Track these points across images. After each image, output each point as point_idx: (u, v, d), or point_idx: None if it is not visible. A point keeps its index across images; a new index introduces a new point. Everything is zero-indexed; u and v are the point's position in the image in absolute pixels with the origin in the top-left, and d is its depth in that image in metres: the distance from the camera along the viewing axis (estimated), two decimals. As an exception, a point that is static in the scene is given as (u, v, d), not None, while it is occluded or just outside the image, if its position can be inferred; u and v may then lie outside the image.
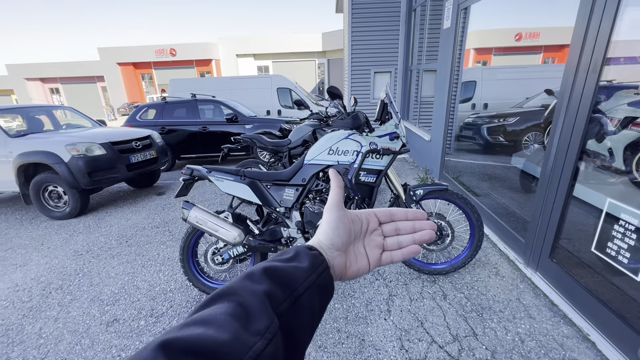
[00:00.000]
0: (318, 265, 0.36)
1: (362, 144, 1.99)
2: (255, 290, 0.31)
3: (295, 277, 0.34)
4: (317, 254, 0.38)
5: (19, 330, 2.12)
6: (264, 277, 0.32)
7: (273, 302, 0.31)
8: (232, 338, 0.26)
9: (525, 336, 1.73)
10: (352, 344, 1.78)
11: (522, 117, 4.40)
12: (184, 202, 2.07)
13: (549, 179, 2.05)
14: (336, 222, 0.40)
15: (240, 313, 0.28)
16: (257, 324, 0.28)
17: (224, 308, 0.29)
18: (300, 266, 0.35)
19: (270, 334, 0.28)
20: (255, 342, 0.27)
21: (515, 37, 5.23)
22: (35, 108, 4.87)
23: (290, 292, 0.33)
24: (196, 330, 0.26)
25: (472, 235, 2.20)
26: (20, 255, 3.19)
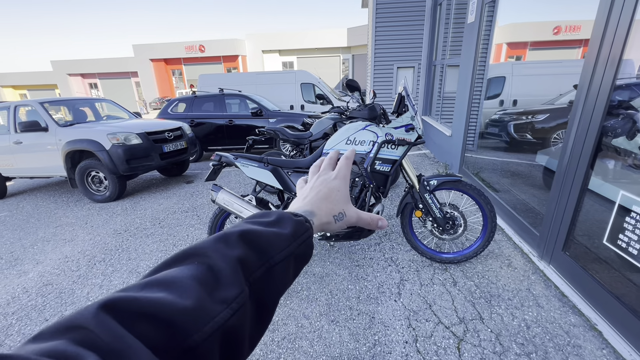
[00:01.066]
0: (301, 233, 0.35)
1: (378, 134, 2.10)
2: (229, 255, 0.29)
3: (274, 244, 0.33)
4: (302, 220, 0.37)
5: (70, 293, 2.43)
6: (240, 242, 0.31)
7: (246, 270, 0.30)
8: (195, 305, 0.24)
9: (532, 323, 1.79)
10: (363, 320, 1.91)
11: (553, 114, 4.28)
12: (213, 185, 2.27)
13: (565, 173, 2.07)
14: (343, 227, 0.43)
15: (209, 278, 0.27)
16: (225, 291, 0.27)
17: (192, 270, 0.27)
18: (281, 232, 0.34)
19: (238, 303, 0.27)
20: (219, 311, 0.26)
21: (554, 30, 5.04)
22: (80, 100, 5.33)
23: (267, 259, 0.32)
24: (156, 294, 0.24)
25: (484, 226, 2.26)
26: (68, 232, 3.56)
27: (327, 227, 0.42)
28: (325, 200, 0.42)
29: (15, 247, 3.32)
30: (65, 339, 0.20)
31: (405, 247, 2.68)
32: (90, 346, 0.20)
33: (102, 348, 0.20)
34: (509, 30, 5.08)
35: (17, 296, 2.45)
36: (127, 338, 0.21)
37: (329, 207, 0.42)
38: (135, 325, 0.22)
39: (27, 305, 2.32)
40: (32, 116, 4.67)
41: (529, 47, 5.47)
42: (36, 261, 2.97)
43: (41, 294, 2.45)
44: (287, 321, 1.95)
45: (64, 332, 0.20)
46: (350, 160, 0.48)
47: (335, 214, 0.42)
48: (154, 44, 23.67)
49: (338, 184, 0.44)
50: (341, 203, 0.43)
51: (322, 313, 2.00)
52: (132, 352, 0.20)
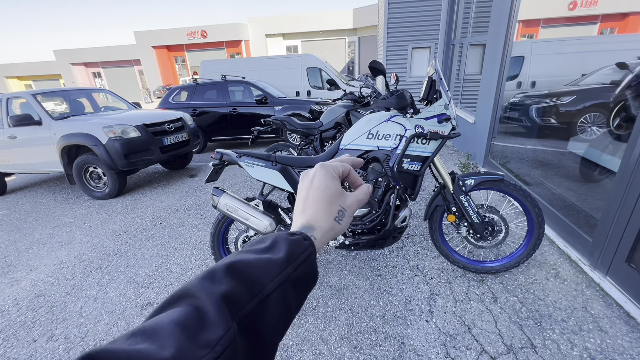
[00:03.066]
0: (299, 254, 0.33)
1: (406, 127, 1.77)
2: (213, 292, 0.28)
3: (265, 273, 0.31)
4: (299, 239, 0.34)
5: (62, 307, 2.20)
6: (226, 276, 0.29)
7: (232, 306, 0.28)
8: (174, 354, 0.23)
9: (596, 353, 1.49)
10: (391, 347, 1.64)
11: (580, 96, 3.88)
12: (214, 188, 1.98)
13: (633, 172, 1.72)
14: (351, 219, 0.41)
15: (193, 320, 0.26)
16: (209, 333, 0.26)
17: (176, 314, 0.26)
18: (274, 258, 0.32)
19: (222, 346, 0.26)
20: (202, 356, 0.24)
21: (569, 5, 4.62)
22: (76, 91, 5.03)
23: (258, 291, 0.30)
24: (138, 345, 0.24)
25: (529, 232, 1.94)
26: (65, 233, 3.35)
27: (334, 232, 0.38)
28: (319, 204, 0.38)
29: (10, 250, 3.12)
30: None
31: (431, 252, 2.38)
32: None
33: None
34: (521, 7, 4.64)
35: (7, 310, 2.25)
36: None
37: (326, 211, 0.38)
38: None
39: (15, 322, 2.11)
40: (25, 109, 4.42)
41: (541, 25, 5.02)
42: (30, 267, 2.76)
43: (32, 308, 2.23)
44: (303, 346, 1.69)
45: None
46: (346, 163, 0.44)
47: (335, 215, 0.38)
48: (156, 31, 23.13)
49: (324, 180, 0.39)
50: (336, 199, 0.39)
51: (342, 336, 1.73)
52: None
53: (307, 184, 0.40)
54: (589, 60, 4.01)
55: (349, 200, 0.40)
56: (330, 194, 0.39)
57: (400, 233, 1.93)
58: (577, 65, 4.13)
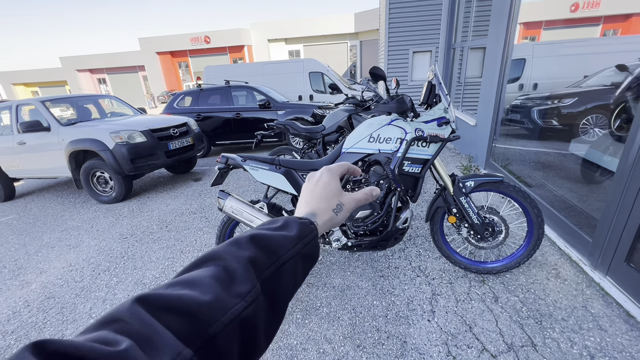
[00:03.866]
0: (306, 234, 0.38)
1: (406, 130, 1.81)
2: (241, 256, 0.32)
3: (282, 245, 0.35)
4: (307, 222, 0.40)
5: (72, 309, 2.26)
6: (250, 244, 0.34)
7: (257, 268, 0.32)
8: (213, 299, 0.27)
9: (596, 351, 1.51)
10: (393, 345, 1.67)
11: (581, 98, 3.90)
12: (219, 191, 2.04)
13: (630, 172, 1.75)
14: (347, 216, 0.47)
15: (224, 277, 0.30)
16: (239, 287, 0.30)
17: (210, 271, 0.30)
18: (288, 235, 0.37)
19: (251, 297, 0.30)
20: (235, 303, 0.28)
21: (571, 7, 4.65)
22: (83, 97, 5.14)
23: (276, 259, 0.34)
24: (180, 291, 0.27)
25: (529, 233, 1.97)
26: (74, 237, 3.41)
27: (332, 222, 0.45)
28: (321, 198, 0.45)
29: (20, 254, 3.19)
30: (107, 330, 0.24)
31: (433, 254, 2.41)
32: (126, 334, 0.24)
33: (134, 334, 0.24)
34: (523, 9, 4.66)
35: (19, 311, 2.30)
36: (155, 326, 0.25)
37: (327, 204, 0.45)
38: (162, 316, 0.25)
39: (27, 323, 2.16)
40: (34, 115, 4.52)
41: (543, 27, 5.05)
42: (40, 270, 2.83)
43: (42, 309, 2.29)
44: (307, 346, 1.72)
45: (105, 325, 0.25)
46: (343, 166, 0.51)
47: (333, 207, 0.45)
48: (160, 37, 23.43)
49: (327, 179, 0.47)
50: (336, 195, 0.46)
51: (345, 335, 1.76)
52: (159, 338, 0.24)
53: (313, 183, 0.48)
54: (591, 62, 4.03)
55: (346, 197, 0.47)
56: (331, 190, 0.46)
57: (401, 234, 1.97)
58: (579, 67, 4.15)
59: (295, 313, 1.97)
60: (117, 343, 0.22)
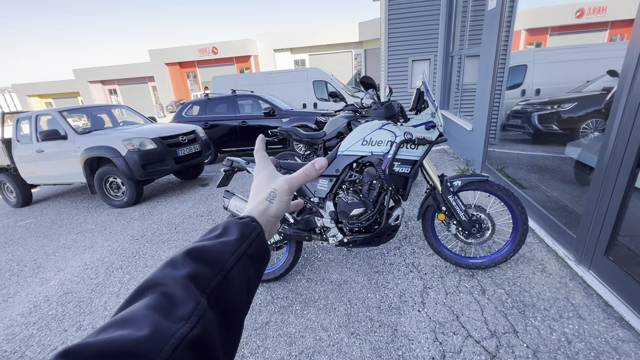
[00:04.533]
0: (249, 233, 0.37)
1: (396, 134, 1.97)
2: (178, 276, 0.30)
3: (223, 252, 0.34)
4: (248, 221, 0.38)
5: (88, 302, 2.43)
6: (187, 260, 0.32)
7: (199, 283, 0.31)
8: (152, 331, 0.25)
9: (573, 337, 1.62)
10: (385, 333, 1.79)
11: (581, 103, 3.99)
12: (224, 191, 2.20)
13: (607, 169, 1.87)
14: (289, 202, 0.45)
15: (163, 303, 0.28)
16: (181, 309, 0.28)
17: (146, 302, 0.28)
18: (228, 240, 0.35)
19: (197, 315, 0.28)
20: (178, 328, 0.26)
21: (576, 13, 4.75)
22: (97, 107, 5.42)
23: (219, 268, 0.33)
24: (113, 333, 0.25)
25: (514, 229, 2.08)
26: (88, 239, 3.61)
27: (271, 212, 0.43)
28: (254, 193, 0.45)
29: (39, 254, 3.39)
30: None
31: (427, 251, 2.54)
32: None
33: None
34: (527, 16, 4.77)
35: (39, 305, 2.48)
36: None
37: (260, 198, 0.44)
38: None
39: (47, 315, 2.34)
40: (52, 125, 4.79)
41: (549, 33, 5.15)
42: (57, 269, 3.02)
43: (61, 303, 2.46)
44: (305, 333, 1.86)
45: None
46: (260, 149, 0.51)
47: (266, 196, 0.43)
48: (169, 48, 24.11)
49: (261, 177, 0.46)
50: (266, 184, 0.45)
51: (341, 324, 1.89)
52: None
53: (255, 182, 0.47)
54: (593, 68, 4.12)
55: (278, 181, 0.45)
56: (260, 181, 0.46)
57: (394, 231, 2.11)
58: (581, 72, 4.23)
59: (294, 305, 2.10)
60: None
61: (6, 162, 5.05)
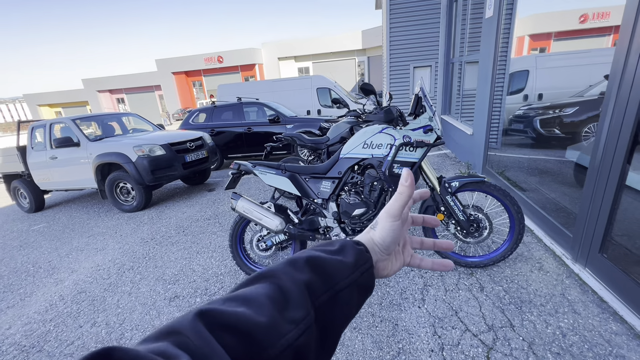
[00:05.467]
0: (363, 262, 0.36)
1: (395, 137, 2.06)
2: (297, 278, 0.31)
3: (338, 272, 0.34)
4: (363, 249, 0.38)
5: (101, 301, 2.54)
6: (307, 267, 0.33)
7: (312, 294, 0.31)
8: (269, 322, 0.27)
9: (568, 330, 1.68)
10: (386, 327, 1.86)
11: (582, 107, 4.06)
12: (232, 193, 2.31)
13: (599, 169, 1.94)
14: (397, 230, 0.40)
15: (280, 297, 0.29)
16: (294, 312, 0.29)
17: (265, 289, 0.30)
18: (345, 261, 0.35)
19: (305, 325, 0.29)
20: (289, 330, 0.28)
21: (580, 18, 4.82)
22: (108, 115, 5.61)
23: (331, 286, 0.33)
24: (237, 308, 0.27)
25: (512, 228, 2.15)
26: (100, 241, 3.74)
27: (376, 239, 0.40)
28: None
29: (53, 256, 3.52)
30: (167, 342, 0.24)
31: (427, 251, 2.61)
32: (185, 349, 0.24)
33: (193, 350, 0.24)
34: (531, 22, 4.86)
35: (55, 303, 2.59)
36: (213, 344, 0.24)
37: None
38: (220, 334, 0.25)
39: (63, 312, 2.44)
40: (65, 132, 4.97)
41: (553, 38, 5.22)
42: (71, 270, 3.13)
43: (76, 302, 2.57)
44: (309, 328, 1.93)
45: (167, 336, 0.25)
46: None
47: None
48: (175, 58, 24.63)
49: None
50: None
51: (344, 320, 1.97)
52: (216, 357, 0.24)
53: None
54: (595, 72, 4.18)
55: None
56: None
57: (394, 230, 2.19)
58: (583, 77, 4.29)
59: (300, 302, 2.18)
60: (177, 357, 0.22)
61: (20, 169, 5.23)
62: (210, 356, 0.24)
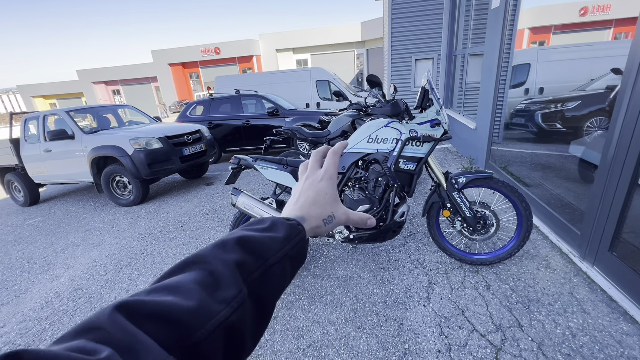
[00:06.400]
0: (294, 235, 0.38)
1: (401, 131, 2.00)
2: (227, 259, 0.32)
3: (269, 248, 0.35)
4: (294, 224, 0.39)
5: (98, 298, 2.48)
6: (237, 247, 0.34)
7: (243, 272, 0.32)
8: (198, 305, 0.27)
9: (577, 331, 1.64)
10: (391, 327, 1.82)
11: (585, 101, 4.00)
12: (232, 188, 2.24)
13: (610, 166, 1.89)
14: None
15: (210, 281, 0.30)
16: (225, 292, 0.29)
17: (194, 276, 0.30)
18: (275, 237, 0.36)
19: (237, 302, 0.30)
20: (220, 310, 0.28)
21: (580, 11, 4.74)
22: (103, 107, 5.48)
23: (263, 261, 0.34)
24: (163, 297, 0.27)
25: (519, 225, 2.11)
26: (96, 237, 3.67)
27: (318, 231, 0.43)
28: (313, 205, 0.43)
29: (48, 251, 3.45)
30: (85, 339, 0.23)
31: (431, 247, 2.56)
32: (106, 342, 0.22)
33: (115, 343, 0.23)
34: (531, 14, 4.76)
35: (50, 300, 2.53)
36: (137, 335, 0.24)
37: (318, 212, 0.43)
38: (145, 324, 0.24)
39: (59, 310, 2.39)
40: (59, 125, 4.85)
41: (552, 31, 5.14)
42: (67, 266, 3.07)
43: (72, 299, 2.51)
44: (312, 327, 1.89)
45: (84, 333, 0.23)
46: (337, 155, 0.47)
47: (324, 217, 0.43)
48: (172, 49, 24.23)
49: (325, 187, 0.45)
50: (329, 205, 0.44)
51: (347, 319, 1.92)
52: (142, 347, 0.23)
53: (310, 183, 0.45)
54: (596, 66, 4.11)
55: (341, 211, 0.45)
56: (327, 198, 0.44)
57: (399, 227, 2.13)
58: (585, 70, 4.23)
59: (301, 300, 2.14)
60: (97, 352, 0.21)
61: (14, 162, 5.12)
62: (136, 346, 0.23)
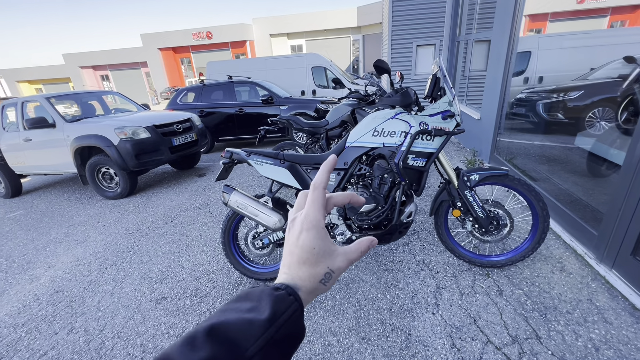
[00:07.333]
0: (283, 311, 0.32)
1: (411, 124, 1.81)
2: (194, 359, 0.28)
3: (247, 336, 0.30)
4: (283, 295, 0.33)
5: (80, 302, 2.30)
6: (207, 341, 0.29)
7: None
8: None
9: (601, 343, 1.52)
10: (398, 338, 1.68)
11: (588, 91, 3.85)
12: (224, 185, 2.05)
13: (637, 165, 1.73)
14: None
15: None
16: None
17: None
18: (256, 319, 0.31)
19: None
20: None
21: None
22: (87, 94, 5.16)
23: (239, 354, 0.29)
24: None
25: (534, 226, 1.96)
26: (80, 232, 3.45)
27: (318, 292, 0.36)
28: (303, 265, 0.36)
29: (28, 249, 3.23)
30: None
31: (437, 248, 2.42)
32: None
33: None
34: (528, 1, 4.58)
35: (28, 304, 2.35)
36: None
37: (310, 273, 0.36)
38: None
39: (37, 316, 2.20)
40: (39, 112, 4.55)
41: (549, 19, 4.96)
42: (48, 265, 2.87)
43: (52, 303, 2.33)
44: (312, 338, 1.74)
45: None
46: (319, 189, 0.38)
47: (320, 277, 0.36)
48: (162, 33, 23.36)
49: (308, 241, 0.36)
50: (321, 262, 0.36)
51: (350, 328, 1.78)
52: None
53: (293, 238, 0.37)
54: (597, 54, 3.97)
55: (338, 261, 0.37)
56: (317, 255, 0.36)
57: (406, 228, 1.97)
58: (586, 59, 4.09)
59: (300, 306, 1.98)
60: None
61: (-7, 152, 4.82)
62: None
